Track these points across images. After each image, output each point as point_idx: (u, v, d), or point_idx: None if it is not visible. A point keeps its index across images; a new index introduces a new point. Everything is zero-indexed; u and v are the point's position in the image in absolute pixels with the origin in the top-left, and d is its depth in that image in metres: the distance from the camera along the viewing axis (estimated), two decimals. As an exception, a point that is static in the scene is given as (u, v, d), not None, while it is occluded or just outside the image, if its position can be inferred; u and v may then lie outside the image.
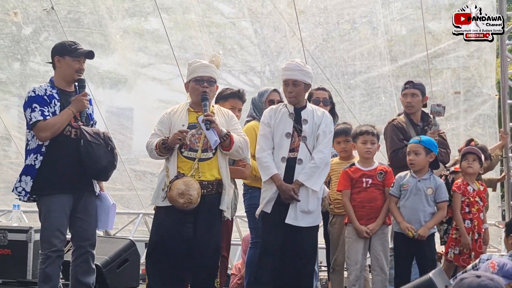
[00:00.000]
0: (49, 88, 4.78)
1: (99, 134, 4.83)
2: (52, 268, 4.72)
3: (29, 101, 4.73)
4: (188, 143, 4.72)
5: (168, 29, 8.23)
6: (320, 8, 8.04)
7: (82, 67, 4.84)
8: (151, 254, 4.76)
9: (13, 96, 9.71)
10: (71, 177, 4.74)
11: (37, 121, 4.66)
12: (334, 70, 8.21)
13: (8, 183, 9.66)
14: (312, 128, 4.93)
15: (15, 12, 8.73)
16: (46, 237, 4.74)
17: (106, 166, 4.84)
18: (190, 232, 4.67)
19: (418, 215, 5.12)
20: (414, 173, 5.21)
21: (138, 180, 8.72)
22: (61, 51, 4.84)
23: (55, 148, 4.72)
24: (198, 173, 4.68)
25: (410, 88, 5.78)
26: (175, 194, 4.52)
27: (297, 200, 4.82)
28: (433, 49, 7.65)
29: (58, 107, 4.76)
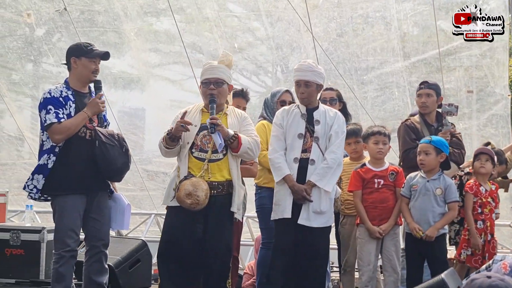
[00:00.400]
0: (64, 90, 4.80)
1: (113, 136, 4.85)
2: (66, 268, 4.76)
3: (44, 103, 4.74)
4: (199, 144, 4.74)
5: (181, 29, 8.22)
6: (334, 3, 8.00)
7: (97, 68, 4.87)
8: (162, 254, 4.79)
9: (26, 97, 9.77)
10: (85, 177, 4.77)
11: (52, 124, 4.68)
12: (347, 66, 8.17)
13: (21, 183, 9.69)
14: (324, 128, 4.93)
15: (28, 14, 8.77)
16: (59, 237, 4.78)
17: (121, 167, 4.86)
18: (200, 232, 4.68)
19: (427, 215, 5.09)
20: (424, 174, 5.18)
21: (150, 180, 8.73)
22: (77, 52, 4.85)
23: (69, 148, 4.75)
24: (207, 174, 4.68)
25: (425, 88, 5.72)
26: (183, 195, 4.55)
27: (309, 200, 4.82)
28: (446, 47, 7.58)
29: (73, 108, 4.78)
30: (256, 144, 4.79)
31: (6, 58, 9.21)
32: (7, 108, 9.35)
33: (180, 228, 4.69)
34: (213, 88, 4.80)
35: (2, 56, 9.17)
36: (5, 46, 9.17)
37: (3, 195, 7.63)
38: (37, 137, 9.56)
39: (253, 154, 4.81)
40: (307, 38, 8.10)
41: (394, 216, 5.23)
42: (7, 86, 9.29)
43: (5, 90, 9.25)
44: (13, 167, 9.75)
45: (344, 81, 7.93)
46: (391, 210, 5.23)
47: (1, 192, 7.70)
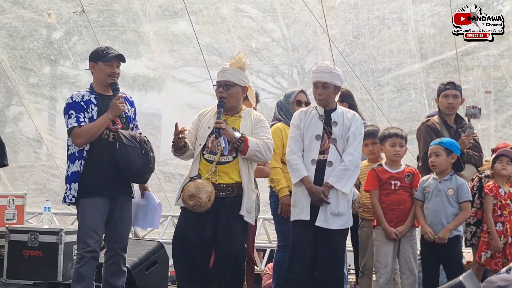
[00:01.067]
0: (87, 94, 4.90)
1: (135, 138, 4.89)
2: (86, 268, 4.80)
3: (67, 108, 4.86)
4: (210, 146, 4.78)
5: (197, 31, 8.23)
6: (350, 4, 7.97)
7: (114, 71, 4.92)
8: (173, 253, 4.86)
9: (45, 98, 9.83)
10: (108, 179, 4.84)
11: (72, 128, 4.79)
12: (364, 68, 8.14)
13: (40, 185, 9.81)
14: (342, 130, 4.92)
15: (48, 13, 8.81)
16: (81, 237, 4.85)
17: (140, 168, 4.88)
18: (209, 234, 4.71)
19: (440, 216, 5.07)
20: (436, 175, 5.17)
21: (167, 182, 8.76)
22: (94, 57, 4.96)
23: (94, 151, 4.84)
24: (215, 176, 4.72)
25: (452, 89, 5.66)
26: (186, 196, 4.62)
27: (327, 202, 4.80)
28: (463, 47, 7.53)
29: (96, 111, 4.85)
30: (266, 146, 4.78)
31: (26, 59, 9.27)
32: (26, 110, 9.41)
33: (189, 228, 4.74)
34: (223, 91, 4.83)
35: (22, 57, 9.23)
36: (25, 47, 9.23)
37: (21, 197, 7.66)
38: (55, 139, 9.72)
39: (263, 157, 4.80)
40: (323, 40, 8.08)
41: (411, 218, 5.21)
42: (26, 88, 9.35)
43: (23, 92, 9.31)
44: (31, 169, 9.82)
45: (360, 83, 7.90)
46: (408, 212, 5.21)
47: (19, 194, 7.73)
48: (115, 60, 4.92)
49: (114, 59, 4.91)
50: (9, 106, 9.88)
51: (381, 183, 5.24)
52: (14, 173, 9.76)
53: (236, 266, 4.78)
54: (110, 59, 4.90)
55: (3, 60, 9.11)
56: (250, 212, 4.82)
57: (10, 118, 9.89)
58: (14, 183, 9.77)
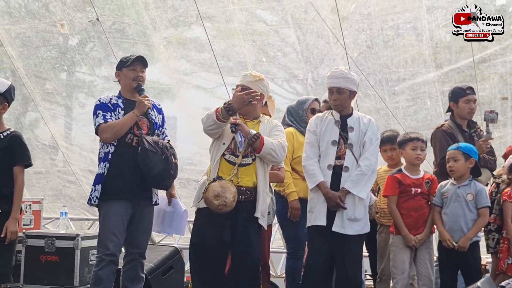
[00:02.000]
0: (115, 98, 5.01)
1: (157, 143, 4.91)
2: (105, 272, 4.81)
3: (94, 110, 4.95)
4: (232, 147, 4.79)
5: (211, 38, 8.27)
6: (364, 14, 7.98)
7: (138, 74, 5.00)
8: (191, 257, 4.84)
9: (60, 106, 9.88)
10: (130, 184, 4.87)
11: (99, 125, 4.85)
12: (378, 77, 8.13)
13: (56, 191, 9.85)
14: (358, 135, 4.92)
15: (61, 24, 8.90)
16: (101, 240, 4.87)
17: (159, 173, 4.89)
18: (228, 237, 4.70)
19: (459, 222, 5.06)
20: (454, 180, 5.15)
21: (182, 188, 8.75)
22: (119, 66, 5.10)
23: (118, 155, 4.88)
24: (236, 178, 4.73)
25: (472, 94, 5.69)
26: (211, 196, 4.58)
27: (343, 207, 4.80)
28: (479, 55, 7.52)
29: (122, 114, 4.92)
30: (280, 147, 4.79)
31: (40, 68, 9.34)
32: (42, 117, 9.47)
33: (208, 231, 4.72)
34: None
35: (37, 66, 9.30)
36: (39, 56, 9.30)
37: (38, 203, 7.70)
38: (71, 146, 9.77)
39: (277, 156, 4.79)
40: (337, 50, 8.10)
41: (429, 225, 5.20)
42: (41, 96, 9.42)
43: (39, 99, 9.38)
44: (47, 175, 9.86)
45: (375, 92, 7.90)
46: (425, 218, 5.20)
47: (36, 199, 7.77)
48: (137, 64, 5.00)
49: (135, 62, 4.99)
50: (26, 113, 9.95)
51: (401, 189, 5.22)
52: (31, 179, 9.80)
53: (253, 271, 4.78)
54: (132, 63, 4.99)
55: (18, 68, 9.18)
56: (264, 216, 4.82)
57: (26, 125, 9.94)
58: (31, 188, 9.80)
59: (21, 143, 5.16)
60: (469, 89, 5.71)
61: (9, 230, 4.97)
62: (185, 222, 5.30)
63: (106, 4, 8.81)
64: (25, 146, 5.21)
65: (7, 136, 5.11)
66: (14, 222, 5.03)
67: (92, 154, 9.41)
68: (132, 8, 8.52)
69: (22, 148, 5.13)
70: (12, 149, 5.06)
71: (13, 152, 5.07)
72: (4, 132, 5.13)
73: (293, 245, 5.73)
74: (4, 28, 9.04)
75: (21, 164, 5.11)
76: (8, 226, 4.98)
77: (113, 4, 8.80)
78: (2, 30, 9.03)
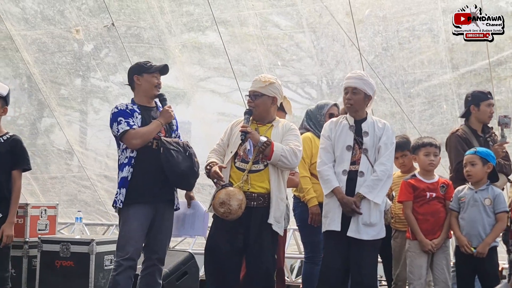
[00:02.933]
0: (130, 105, 5.00)
1: (178, 143, 4.97)
2: (123, 277, 4.79)
3: (113, 117, 4.92)
4: (242, 154, 4.78)
5: (226, 43, 8.27)
6: (379, 17, 7.93)
7: (159, 82, 5.04)
8: (206, 260, 4.82)
9: (75, 111, 9.93)
10: (153, 187, 4.87)
11: (126, 131, 4.83)
12: (394, 80, 8.07)
13: (71, 196, 9.89)
14: (373, 140, 4.88)
15: (77, 30, 8.95)
16: (121, 244, 4.86)
17: (185, 170, 4.90)
18: (241, 243, 4.69)
19: (477, 227, 5.00)
20: (472, 185, 5.10)
21: (197, 192, 8.72)
22: (138, 70, 5.05)
23: (140, 159, 4.89)
24: (247, 184, 4.71)
25: (491, 99, 5.71)
26: (217, 203, 4.59)
27: (358, 213, 4.76)
28: (496, 57, 7.45)
29: (139, 120, 4.93)
30: (292, 152, 4.74)
31: (56, 73, 9.39)
32: (57, 122, 9.52)
33: (221, 237, 4.72)
34: (250, 100, 4.91)
35: (52, 71, 9.35)
36: (54, 62, 9.34)
37: (53, 208, 7.75)
38: (86, 151, 9.79)
39: (288, 162, 4.75)
40: (352, 53, 8.06)
41: (446, 230, 5.15)
42: (57, 101, 9.46)
43: (54, 104, 9.43)
44: (62, 180, 9.90)
45: (390, 95, 7.84)
46: (442, 222, 5.15)
47: (51, 204, 7.82)
48: (158, 71, 5.02)
49: (158, 70, 5.02)
50: (41, 119, 10.00)
51: (415, 193, 5.18)
52: (46, 184, 9.86)
53: (267, 277, 4.74)
54: (156, 71, 5.01)
55: (34, 73, 9.24)
56: (278, 222, 4.78)
57: (42, 130, 10.00)
58: (46, 194, 9.86)
59: (22, 147, 5.18)
60: (489, 94, 5.75)
61: (5, 234, 4.98)
62: (206, 223, 5.25)
63: (122, 9, 8.84)
64: (25, 150, 5.23)
65: (7, 139, 5.12)
66: (10, 226, 5.04)
67: (107, 159, 9.43)
68: (147, 12, 8.55)
69: (22, 152, 5.15)
70: (13, 152, 5.07)
71: (14, 155, 5.08)
72: (4, 136, 5.14)
73: (310, 250, 5.70)
74: (20, 34, 9.11)
75: (19, 168, 5.11)
76: (4, 230, 4.98)
77: (129, 9, 8.83)
78: (19, 36, 9.10)
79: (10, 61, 9.51)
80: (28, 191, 9.85)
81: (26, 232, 7.27)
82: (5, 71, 9.87)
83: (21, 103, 10.19)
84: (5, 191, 5.03)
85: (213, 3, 8.08)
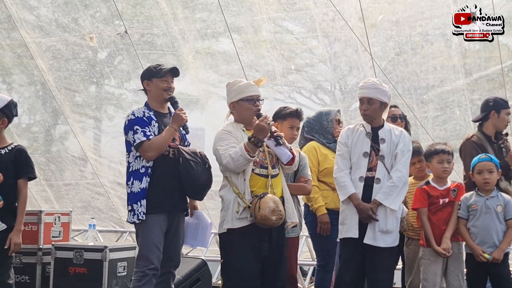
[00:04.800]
0: (146, 111, 4.91)
1: (196, 153, 4.91)
2: (148, 286, 4.74)
3: (129, 124, 4.83)
4: (258, 161, 4.68)
5: (239, 49, 8.28)
6: (392, 21, 7.91)
7: (170, 85, 4.95)
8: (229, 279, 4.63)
9: (89, 118, 9.96)
10: (169, 196, 4.82)
11: (142, 142, 4.75)
12: (407, 85, 8.04)
13: (85, 203, 9.93)
14: (390, 147, 4.88)
15: (90, 37, 8.99)
16: (144, 254, 4.78)
17: (205, 183, 4.90)
18: (267, 250, 4.63)
19: (491, 234, 4.98)
20: (481, 192, 5.07)
21: (210, 199, 8.74)
22: (148, 75, 5.00)
23: (157, 168, 4.82)
24: (272, 189, 4.65)
25: (509, 109, 5.73)
26: (268, 213, 4.44)
27: (375, 219, 4.75)
28: (509, 62, 7.41)
29: (156, 128, 4.86)
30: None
31: (70, 80, 9.42)
32: (71, 129, 9.56)
33: (249, 249, 4.56)
34: (258, 104, 4.79)
35: (66, 78, 9.39)
36: (69, 69, 9.38)
37: (67, 215, 7.79)
38: (100, 158, 9.82)
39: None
40: (365, 58, 8.04)
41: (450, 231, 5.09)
42: (71, 108, 9.50)
43: (69, 111, 9.47)
44: (76, 187, 9.94)
45: (403, 101, 7.82)
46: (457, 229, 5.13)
47: (65, 211, 7.86)
48: (169, 74, 4.95)
49: (168, 73, 4.95)
50: (56, 126, 10.05)
51: (430, 201, 5.16)
52: (60, 191, 9.90)
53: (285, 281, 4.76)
54: (164, 74, 4.94)
55: (48, 80, 9.29)
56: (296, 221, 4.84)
57: (56, 137, 10.05)
58: (60, 200, 9.91)
59: (26, 156, 5.19)
60: (506, 102, 5.79)
61: (12, 241, 4.98)
62: (209, 235, 5.22)
63: (135, 16, 8.88)
64: (30, 159, 5.22)
65: (12, 150, 5.13)
66: (17, 234, 5.02)
67: (121, 166, 9.45)
68: (161, 19, 8.57)
69: (26, 161, 5.15)
70: (18, 162, 5.10)
71: (18, 165, 5.10)
72: (8, 146, 5.15)
73: (322, 258, 5.69)
74: (35, 42, 9.16)
75: (25, 177, 5.14)
76: (12, 237, 4.97)
77: (142, 16, 8.86)
78: (33, 43, 9.15)
79: (25, 68, 9.57)
80: (43, 198, 9.91)
81: (40, 239, 7.31)
82: (20, 78, 9.94)
83: (35, 110, 10.24)
84: (11, 201, 5.05)
85: (226, 10, 8.09)
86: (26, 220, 6.95)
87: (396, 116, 5.79)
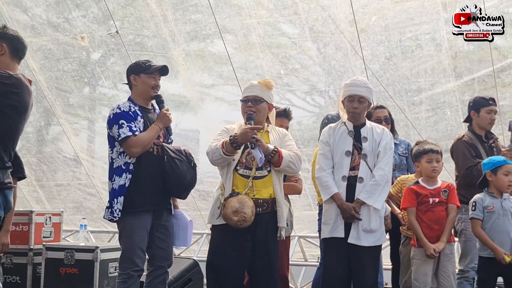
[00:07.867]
0: (132, 106, 4.81)
1: (181, 151, 4.86)
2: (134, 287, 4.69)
3: (114, 118, 4.71)
4: (244, 161, 4.71)
5: (231, 50, 8.28)
6: (382, 26, 7.95)
7: (157, 83, 4.87)
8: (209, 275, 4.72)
9: (82, 119, 9.92)
10: (153, 194, 4.74)
11: (127, 137, 4.64)
12: (397, 88, 8.08)
13: (76, 204, 9.90)
14: (372, 145, 4.86)
15: (82, 37, 8.96)
16: (128, 256, 4.70)
17: (190, 182, 4.85)
18: (249, 251, 4.63)
19: (509, 235, 5.02)
20: (495, 194, 5.11)
21: (202, 200, 8.75)
22: (136, 69, 4.89)
23: (140, 165, 4.73)
24: (252, 191, 4.65)
25: (493, 105, 5.70)
26: (229, 212, 4.49)
27: (358, 219, 4.74)
28: (500, 64, 7.46)
29: (142, 123, 4.77)
30: (297, 157, 4.75)
31: (61, 80, 9.39)
32: (63, 130, 9.51)
33: (227, 247, 4.63)
34: (251, 105, 4.80)
35: (58, 78, 9.36)
36: (60, 69, 9.34)
37: (58, 215, 7.76)
38: (92, 158, 9.79)
39: (295, 167, 4.77)
40: (356, 62, 8.08)
41: (447, 233, 5.13)
42: (63, 108, 9.45)
43: (60, 112, 9.43)
44: (68, 188, 9.90)
45: (394, 102, 7.86)
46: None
47: (56, 212, 7.83)
48: (157, 72, 4.88)
49: (157, 71, 4.88)
50: (48, 126, 10.01)
51: (419, 199, 5.19)
52: (52, 192, 9.86)
53: (274, 282, 4.73)
54: (154, 71, 4.86)
55: (40, 80, 9.24)
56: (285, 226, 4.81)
57: (49, 138, 10.01)
58: (51, 201, 9.87)
59: (16, 156, 5.15)
60: (491, 100, 5.72)
61: (0, 242, 4.95)
62: (190, 233, 5.11)
63: (126, 17, 8.87)
64: (19, 159, 5.16)
65: None
66: (5, 234, 4.97)
67: (114, 167, 9.42)
68: (151, 20, 8.56)
69: (16, 161, 5.12)
70: None
71: None
72: None
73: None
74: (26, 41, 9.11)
75: (15, 177, 5.10)
76: (0, 238, 4.94)
77: (132, 17, 8.85)
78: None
79: (15, 68, 9.51)
80: (34, 199, 9.87)
81: (31, 239, 7.28)
82: (11, 79, 9.87)
83: (27, 110, 10.18)
84: None
85: (216, 11, 8.10)
86: (17, 220, 7.00)
87: (380, 118, 5.78)
